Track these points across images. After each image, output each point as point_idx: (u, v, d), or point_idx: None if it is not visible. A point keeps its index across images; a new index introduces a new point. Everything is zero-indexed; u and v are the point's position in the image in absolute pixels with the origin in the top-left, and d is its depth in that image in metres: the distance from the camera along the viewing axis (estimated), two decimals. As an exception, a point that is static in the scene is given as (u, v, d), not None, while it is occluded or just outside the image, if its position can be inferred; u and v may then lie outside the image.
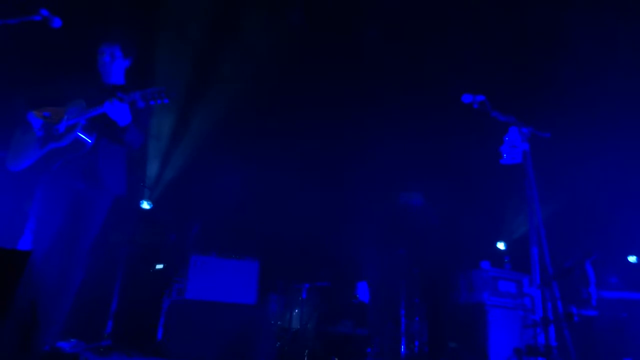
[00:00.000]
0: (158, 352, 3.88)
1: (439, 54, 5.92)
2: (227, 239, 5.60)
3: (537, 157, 2.85)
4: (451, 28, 5.77)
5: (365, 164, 6.85)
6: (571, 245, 4.82)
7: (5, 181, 3.65)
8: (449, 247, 6.05)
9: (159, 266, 5.56)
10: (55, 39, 3.22)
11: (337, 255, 6.37)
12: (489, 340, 4.61)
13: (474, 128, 5.34)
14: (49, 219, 2.86)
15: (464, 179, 6.53)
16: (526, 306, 4.89)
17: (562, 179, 6.22)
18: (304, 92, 6.34)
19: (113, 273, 4.58)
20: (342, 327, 5.83)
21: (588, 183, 6.30)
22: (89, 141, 2.89)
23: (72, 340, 3.38)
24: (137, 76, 3.27)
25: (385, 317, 5.32)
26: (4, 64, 4.48)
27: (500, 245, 7.25)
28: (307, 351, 5.16)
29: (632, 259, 6.78)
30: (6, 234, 3.16)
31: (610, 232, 6.34)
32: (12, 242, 2.88)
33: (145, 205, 6.06)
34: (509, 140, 2.93)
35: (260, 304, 4.36)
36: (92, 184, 2.94)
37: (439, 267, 5.70)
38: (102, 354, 3.66)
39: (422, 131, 6.35)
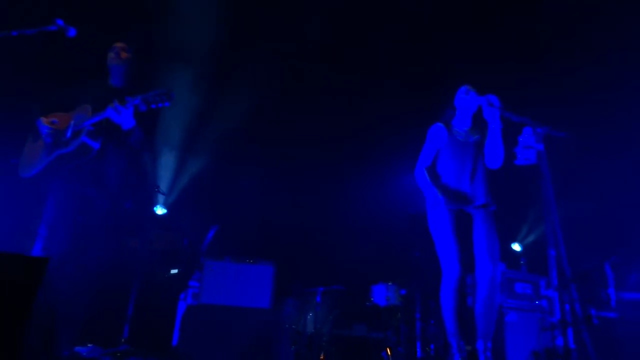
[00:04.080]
0: (174, 357, 3.90)
1: (449, 54, 5.90)
2: (241, 243, 5.62)
3: (553, 157, 2.81)
4: (460, 27, 5.75)
5: (379, 166, 6.83)
6: (589, 247, 4.75)
7: (18, 188, 3.71)
8: (464, 249, 5.99)
9: (174, 271, 5.60)
10: (63, 45, 3.28)
11: (351, 259, 6.35)
12: (506, 343, 4.56)
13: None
14: (59, 224, 2.90)
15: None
16: (544, 308, 4.84)
17: (579, 179, 6.14)
18: (320, 94, 6.35)
19: (129, 278, 4.62)
20: (356, 331, 5.81)
21: (606, 182, 6.20)
22: (95, 146, 2.92)
23: (89, 345, 3.41)
24: (145, 79, 3.31)
25: (400, 319, 5.29)
26: (17, 73, 4.56)
27: (516, 247, 7.18)
28: (321, 355, 5.15)
29: (651, 259, 6.66)
30: (21, 240, 3.21)
31: (629, 232, 6.23)
32: (26, 248, 2.92)
33: (160, 210, 6.10)
34: (523, 140, 2.89)
35: (275, 308, 4.36)
36: (100, 188, 2.97)
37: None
38: (119, 359, 3.69)
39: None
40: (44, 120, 3.02)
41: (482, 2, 5.59)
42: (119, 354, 3.69)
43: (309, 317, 5.57)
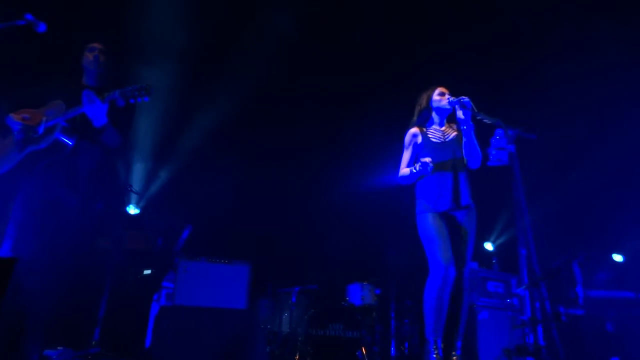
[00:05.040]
0: (147, 359, 3.84)
1: (422, 56, 5.97)
2: (216, 243, 5.57)
3: (524, 158, 2.87)
4: (433, 28, 5.82)
5: (354, 166, 6.87)
6: (558, 246, 4.87)
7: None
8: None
9: (147, 271, 5.51)
10: (36, 41, 3.19)
11: (326, 259, 6.37)
12: (478, 341, 4.64)
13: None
14: (30, 224, 2.82)
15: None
16: (515, 306, 4.94)
17: (549, 180, 6.29)
18: (293, 96, 6.35)
19: (100, 279, 4.53)
20: (331, 330, 5.81)
21: (574, 183, 6.37)
22: (69, 143, 2.85)
23: (59, 348, 3.33)
24: (122, 77, 3.26)
25: (375, 319, 5.33)
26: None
27: (488, 247, 7.31)
28: (297, 355, 5.14)
29: (617, 258, 6.88)
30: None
31: (596, 232, 6.42)
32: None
33: (132, 209, 6.00)
34: (495, 142, 2.95)
35: (250, 308, 4.34)
36: (73, 187, 2.91)
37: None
38: (90, 362, 3.62)
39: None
40: (14, 117, 2.92)
41: (453, 5, 5.67)
42: (90, 357, 3.62)
43: (284, 317, 5.55)
